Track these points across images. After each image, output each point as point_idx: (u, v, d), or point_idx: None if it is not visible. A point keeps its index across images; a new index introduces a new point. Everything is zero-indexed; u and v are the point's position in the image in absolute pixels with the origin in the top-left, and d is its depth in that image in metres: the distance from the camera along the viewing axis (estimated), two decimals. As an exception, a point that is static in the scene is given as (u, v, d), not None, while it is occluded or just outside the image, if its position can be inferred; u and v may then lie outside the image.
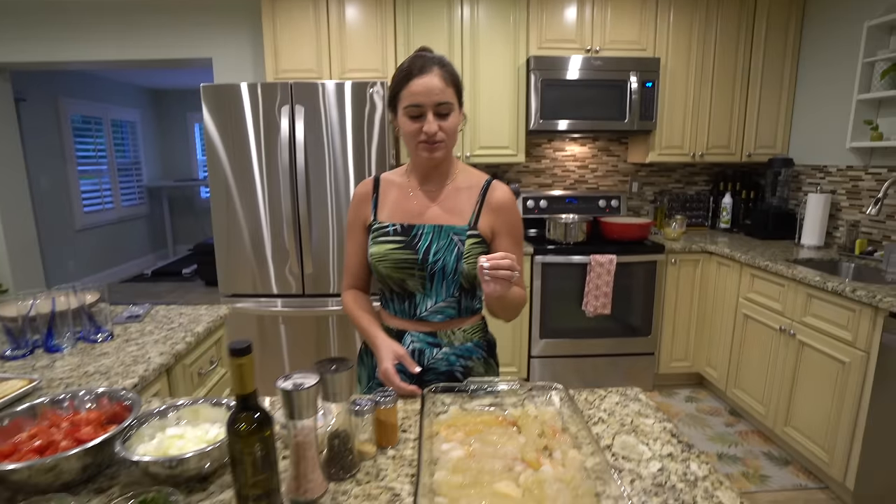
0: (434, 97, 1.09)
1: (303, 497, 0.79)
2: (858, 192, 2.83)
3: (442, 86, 1.10)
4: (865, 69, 2.67)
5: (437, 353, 1.22)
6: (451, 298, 1.20)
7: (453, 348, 1.23)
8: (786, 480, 2.35)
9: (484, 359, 1.28)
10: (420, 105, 1.10)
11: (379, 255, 1.19)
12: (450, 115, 1.12)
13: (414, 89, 1.10)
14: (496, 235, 1.22)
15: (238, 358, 0.67)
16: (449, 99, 1.11)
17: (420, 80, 1.09)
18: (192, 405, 0.94)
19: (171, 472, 0.81)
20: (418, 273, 1.18)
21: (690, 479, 0.83)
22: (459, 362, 1.23)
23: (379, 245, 1.20)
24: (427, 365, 1.22)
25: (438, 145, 1.13)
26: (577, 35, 3.05)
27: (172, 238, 7.34)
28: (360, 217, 1.27)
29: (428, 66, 1.10)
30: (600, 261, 2.91)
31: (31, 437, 0.87)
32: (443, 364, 1.22)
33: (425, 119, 1.11)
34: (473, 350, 1.25)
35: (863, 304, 2.01)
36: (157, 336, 1.55)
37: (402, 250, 1.18)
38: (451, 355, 1.22)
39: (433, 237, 1.18)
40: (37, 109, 5.04)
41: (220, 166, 2.62)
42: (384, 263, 1.19)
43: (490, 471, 0.80)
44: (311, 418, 0.77)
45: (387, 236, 1.20)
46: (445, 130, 1.12)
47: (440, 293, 1.19)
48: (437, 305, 1.20)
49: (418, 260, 1.17)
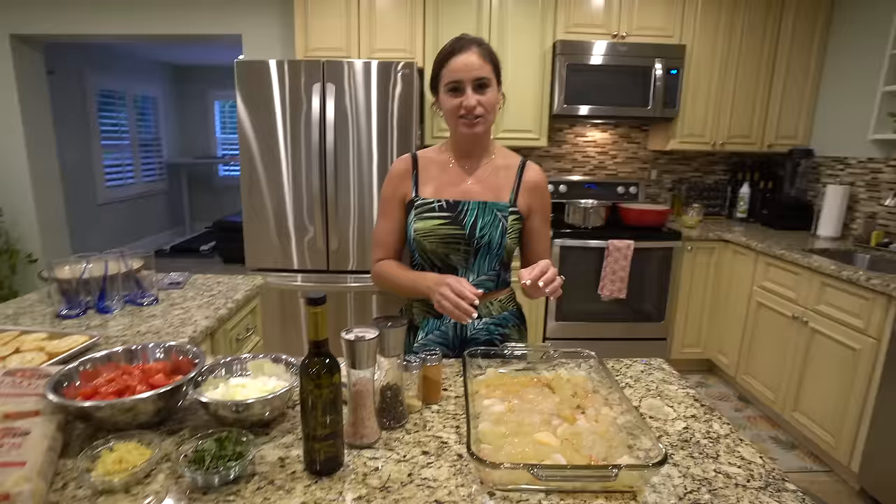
0: (473, 73, 1.15)
1: (359, 441, 0.87)
2: (878, 185, 2.85)
3: (480, 62, 1.16)
4: (892, 62, 2.67)
5: (479, 324, 1.29)
6: (493, 272, 1.27)
7: (492, 318, 1.30)
8: (792, 463, 2.42)
9: (517, 326, 1.35)
10: (459, 80, 1.16)
11: (425, 230, 1.24)
12: (488, 89, 1.18)
13: (453, 66, 1.16)
14: (531, 214, 1.29)
15: (314, 307, 0.74)
16: (487, 74, 1.17)
17: (459, 57, 1.16)
18: (255, 359, 1.01)
19: (238, 416, 0.89)
20: (464, 248, 1.24)
21: (713, 436, 0.90)
22: (498, 331, 1.31)
23: (424, 221, 1.24)
24: (469, 336, 1.29)
25: (479, 120, 1.18)
26: (605, 20, 3.07)
27: (190, 215, 7.45)
28: (398, 193, 1.30)
29: (466, 46, 1.17)
30: (618, 246, 2.96)
31: (109, 381, 0.95)
32: (483, 334, 1.29)
33: (464, 94, 1.16)
34: (509, 318, 1.33)
35: (877, 292, 2.05)
36: (199, 301, 1.63)
37: (448, 226, 1.23)
38: (490, 325, 1.30)
39: (479, 213, 1.23)
40: (64, 83, 5.12)
41: (249, 143, 2.69)
42: (430, 238, 1.24)
43: (530, 423, 0.88)
44: (370, 369, 0.85)
45: (433, 212, 1.24)
46: (484, 105, 1.17)
47: (483, 267, 1.26)
48: (479, 279, 1.26)
49: (465, 235, 1.22)
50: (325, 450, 0.78)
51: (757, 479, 0.80)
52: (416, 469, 0.81)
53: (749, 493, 0.77)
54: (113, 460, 0.78)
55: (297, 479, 0.78)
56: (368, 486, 0.77)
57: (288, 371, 1.01)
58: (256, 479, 0.78)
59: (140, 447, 0.82)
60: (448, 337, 1.30)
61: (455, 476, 0.79)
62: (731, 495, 0.76)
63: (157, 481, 0.77)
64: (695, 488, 0.78)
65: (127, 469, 0.76)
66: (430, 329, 1.31)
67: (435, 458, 0.84)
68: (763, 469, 0.83)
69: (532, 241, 1.33)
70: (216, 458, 0.78)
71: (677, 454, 0.86)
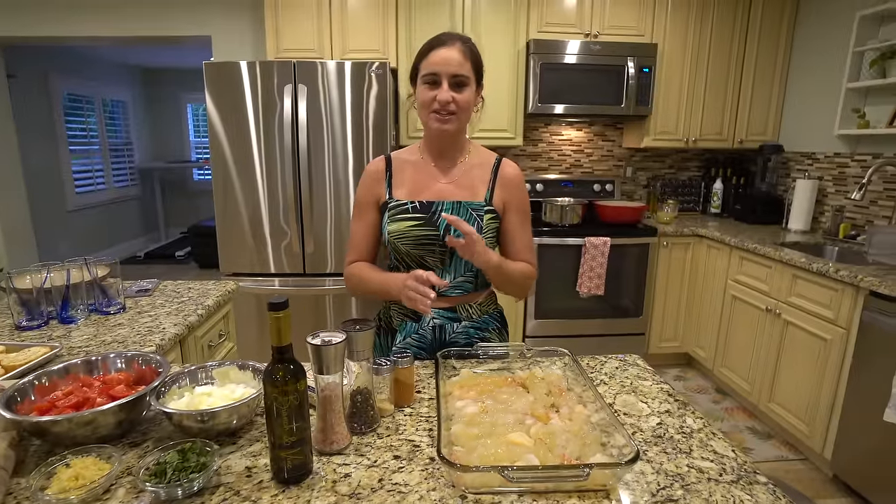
0: (451, 68, 1.14)
1: (329, 447, 0.85)
2: (844, 179, 2.92)
3: (460, 59, 1.14)
4: (855, 58, 2.74)
5: (458, 327, 1.26)
6: (470, 273, 1.25)
7: (472, 321, 1.28)
8: (768, 452, 2.46)
9: (498, 329, 1.34)
10: (436, 73, 1.14)
11: (399, 232, 1.21)
12: (465, 88, 1.16)
13: (433, 59, 1.15)
14: (507, 210, 1.26)
15: (276, 312, 0.72)
16: (465, 73, 1.15)
17: (440, 50, 1.15)
18: (221, 367, 0.99)
19: (203, 426, 0.86)
20: (439, 249, 1.21)
21: (687, 431, 0.90)
22: (478, 334, 1.28)
23: (398, 222, 1.22)
24: (448, 340, 1.26)
25: (450, 117, 1.16)
26: (577, 19, 3.09)
27: (164, 220, 7.30)
28: (372, 195, 1.28)
29: (450, 41, 1.16)
30: (595, 243, 2.98)
31: (67, 394, 0.92)
32: (462, 337, 1.27)
33: (440, 88, 1.15)
34: (489, 322, 1.31)
35: (845, 283, 2.10)
36: (168, 308, 1.59)
37: (422, 227, 1.21)
38: (469, 328, 1.27)
39: (453, 213, 1.21)
40: (27, 87, 4.96)
41: (221, 145, 2.64)
42: (404, 240, 1.22)
43: (503, 424, 0.87)
44: (338, 374, 0.83)
45: (406, 213, 1.22)
46: (458, 103, 1.16)
47: (459, 268, 1.24)
48: (455, 280, 1.24)
49: (439, 236, 1.20)
50: (293, 458, 0.76)
51: (729, 473, 0.80)
52: (386, 474, 0.79)
53: (721, 488, 0.77)
54: (69, 477, 0.74)
55: (263, 489, 0.76)
56: (337, 494, 0.75)
57: (255, 378, 0.98)
58: (222, 489, 0.76)
59: (98, 462, 0.78)
60: (427, 340, 1.27)
61: (427, 480, 0.78)
62: (703, 490, 0.76)
63: (117, 497, 0.74)
64: (668, 484, 0.77)
65: (84, 485, 0.73)
66: (408, 332, 1.28)
67: (406, 463, 0.82)
68: (735, 463, 0.83)
69: (509, 240, 1.28)
70: (179, 469, 0.75)
71: (651, 450, 0.85)
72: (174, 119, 7.37)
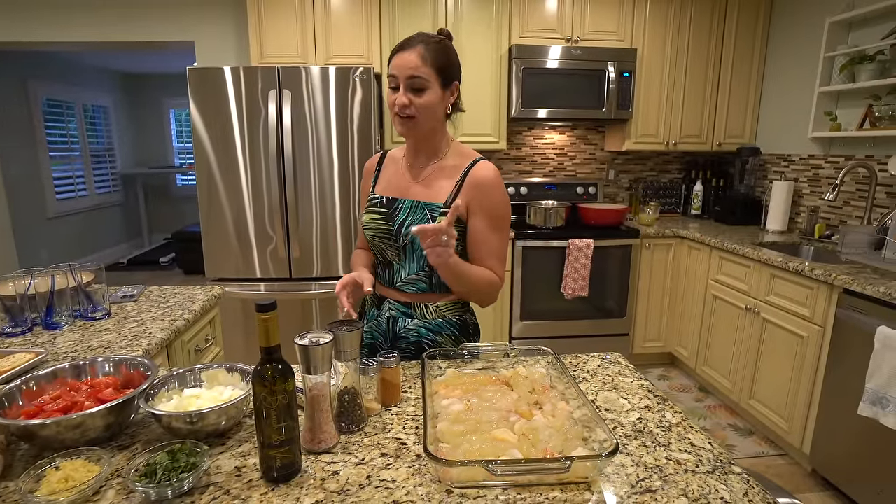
0: (406, 71, 1.15)
1: (317, 446, 0.86)
2: (819, 180, 3.00)
3: (417, 62, 1.14)
4: (826, 63, 2.82)
5: (409, 323, 1.29)
6: (423, 272, 1.26)
7: (424, 321, 1.28)
8: (749, 449, 2.52)
9: (455, 336, 1.30)
10: (395, 77, 1.17)
11: (366, 223, 1.30)
12: (424, 91, 1.16)
13: (394, 62, 1.17)
14: (471, 214, 1.22)
15: (264, 313, 0.74)
16: (422, 75, 1.14)
17: (401, 54, 1.16)
18: (209, 370, 1.00)
19: (192, 427, 0.87)
20: (394, 245, 1.26)
21: (666, 425, 0.93)
22: (429, 336, 1.28)
23: (368, 214, 1.31)
24: (399, 333, 1.29)
25: (409, 120, 1.18)
26: (558, 24, 3.14)
27: (148, 226, 7.22)
28: (366, 189, 1.38)
29: (411, 44, 1.16)
30: (578, 245, 3.02)
31: (55, 398, 0.92)
32: (413, 335, 1.28)
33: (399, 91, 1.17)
34: (444, 327, 1.29)
35: (820, 281, 2.16)
36: (154, 314, 1.59)
37: (383, 221, 1.27)
38: (421, 327, 1.28)
39: (410, 211, 1.24)
40: (5, 92, 4.90)
41: (205, 151, 2.64)
42: (369, 232, 1.30)
43: (487, 421, 0.89)
44: (325, 374, 0.85)
45: (375, 207, 1.30)
46: (416, 106, 1.16)
47: (412, 266, 1.27)
48: (409, 277, 1.28)
49: (394, 232, 1.25)
50: (282, 457, 0.78)
51: (706, 464, 0.83)
52: (374, 471, 0.81)
53: (698, 478, 0.80)
54: (58, 479, 0.75)
55: (253, 488, 0.77)
56: (326, 491, 0.76)
57: (244, 380, 0.99)
58: (212, 489, 0.77)
59: (88, 464, 0.79)
60: (382, 329, 1.33)
61: (413, 476, 0.80)
62: (680, 481, 0.79)
63: (107, 498, 0.75)
64: (647, 476, 0.80)
65: (74, 487, 0.74)
66: (370, 318, 1.37)
67: (394, 460, 0.84)
68: (712, 454, 0.86)
69: (472, 244, 1.23)
70: (168, 470, 0.76)
71: (631, 444, 0.88)
72: (157, 124, 7.30)
